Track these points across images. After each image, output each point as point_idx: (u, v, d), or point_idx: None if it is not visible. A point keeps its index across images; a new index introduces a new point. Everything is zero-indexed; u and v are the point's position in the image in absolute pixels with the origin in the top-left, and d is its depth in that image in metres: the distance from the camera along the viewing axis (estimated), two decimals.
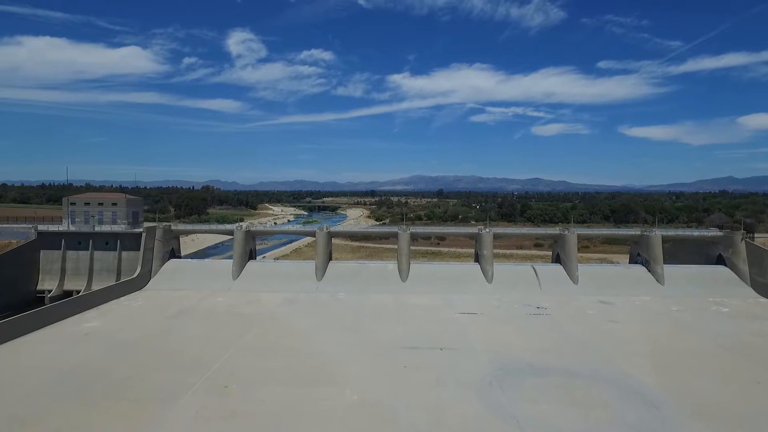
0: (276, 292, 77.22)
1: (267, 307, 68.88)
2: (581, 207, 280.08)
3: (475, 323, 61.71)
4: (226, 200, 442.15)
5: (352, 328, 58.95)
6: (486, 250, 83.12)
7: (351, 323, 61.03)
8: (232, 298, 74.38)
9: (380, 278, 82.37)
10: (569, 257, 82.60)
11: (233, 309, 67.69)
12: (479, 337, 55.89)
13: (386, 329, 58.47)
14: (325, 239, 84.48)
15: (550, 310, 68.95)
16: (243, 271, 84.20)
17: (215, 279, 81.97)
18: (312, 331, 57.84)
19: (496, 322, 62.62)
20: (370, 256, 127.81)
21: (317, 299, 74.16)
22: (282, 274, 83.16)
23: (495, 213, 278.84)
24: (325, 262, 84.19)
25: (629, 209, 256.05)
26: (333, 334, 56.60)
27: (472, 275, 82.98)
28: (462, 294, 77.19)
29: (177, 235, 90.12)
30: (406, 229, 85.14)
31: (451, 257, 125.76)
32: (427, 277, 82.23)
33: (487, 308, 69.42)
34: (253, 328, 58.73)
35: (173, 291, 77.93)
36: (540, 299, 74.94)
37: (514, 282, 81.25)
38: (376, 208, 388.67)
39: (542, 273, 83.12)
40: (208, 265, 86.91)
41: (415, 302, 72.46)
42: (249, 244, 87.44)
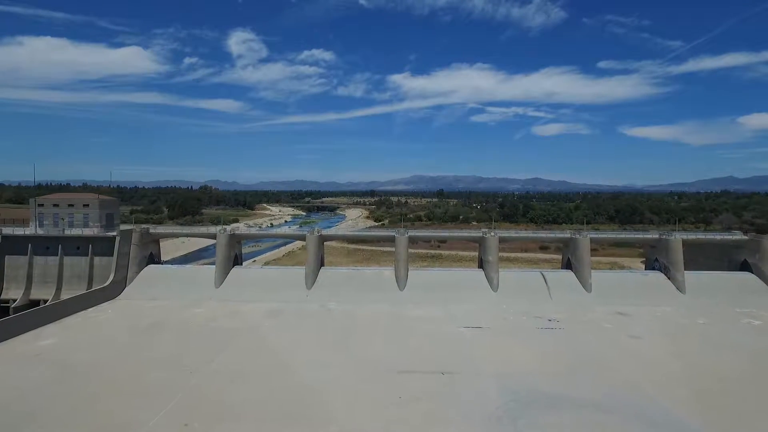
0: (261, 302, 70.48)
1: (249, 320, 62.11)
2: (585, 207, 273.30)
3: (480, 339, 54.93)
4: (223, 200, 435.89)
5: (341, 346, 52.17)
6: (491, 255, 76.32)
7: (341, 339, 54.24)
8: (211, 308, 67.60)
9: (375, 286, 75.61)
10: (581, 263, 75.81)
11: (211, 322, 60.91)
12: (486, 357, 49.10)
13: (380, 347, 51.68)
14: (316, 243, 77.73)
15: (563, 322, 62.18)
16: (226, 278, 77.42)
17: (196, 287, 75.22)
18: (296, 349, 51.06)
19: (504, 337, 55.83)
20: (367, 260, 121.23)
21: (305, 310, 67.41)
22: (269, 282, 76.39)
23: (497, 213, 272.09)
24: (315, 268, 77.44)
25: (634, 210, 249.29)
26: (319, 353, 49.83)
27: (476, 283, 76.19)
28: (465, 304, 70.42)
29: (156, 239, 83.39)
30: (404, 233, 78.39)
31: (452, 261, 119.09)
32: (427, 285, 75.47)
33: (493, 321, 62.64)
34: (230, 345, 51.95)
35: (149, 301, 71.18)
36: (550, 310, 68.16)
37: (521, 290, 74.48)
38: (375, 208, 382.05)
39: (552, 280, 76.34)
40: (190, 272, 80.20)
41: (413, 314, 65.67)
42: (234, 249, 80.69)
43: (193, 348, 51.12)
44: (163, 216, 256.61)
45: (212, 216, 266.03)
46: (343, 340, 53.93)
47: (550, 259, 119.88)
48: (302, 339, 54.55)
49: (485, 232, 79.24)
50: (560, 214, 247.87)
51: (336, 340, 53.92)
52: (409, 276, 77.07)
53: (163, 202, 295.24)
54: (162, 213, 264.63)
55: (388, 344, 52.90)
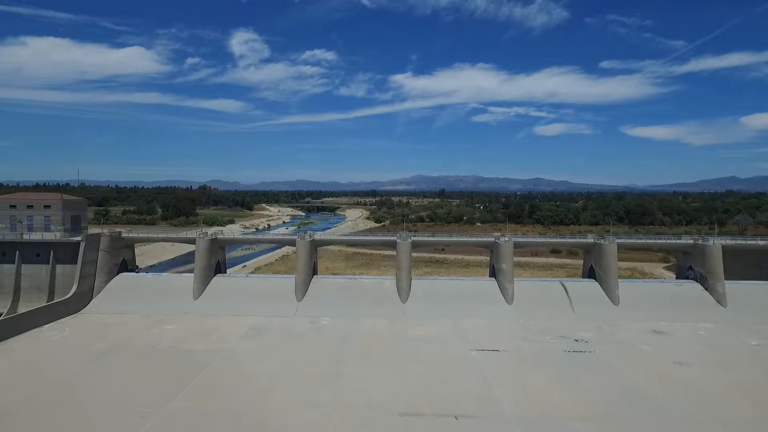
0: (243, 316, 61.78)
1: (226, 340, 53.36)
2: (593, 208, 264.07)
3: (498, 368, 46.06)
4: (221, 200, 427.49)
5: (332, 377, 43.36)
6: (505, 263, 67.45)
7: (332, 368, 45.41)
8: (185, 325, 58.85)
9: (375, 298, 66.82)
10: (607, 272, 66.88)
11: (182, 343, 52.16)
12: (507, 393, 40.23)
13: (378, 380, 42.85)
14: (307, 250, 68.96)
15: (592, 343, 53.33)
16: (206, 288, 68.69)
17: (172, 299, 66.53)
18: (277, 382, 42.26)
19: (527, 365, 46.96)
20: (366, 266, 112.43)
21: (293, 327, 58.63)
22: (254, 293, 67.64)
23: (501, 214, 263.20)
24: (307, 277, 68.66)
25: (645, 210, 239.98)
26: (305, 388, 41.02)
27: (488, 294, 67.35)
28: (477, 319, 61.63)
29: (130, 244, 74.72)
30: (407, 237, 69.57)
31: (458, 267, 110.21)
32: (432, 297, 66.66)
33: (510, 341, 53.80)
34: (198, 376, 43.18)
35: (116, 315, 62.53)
36: (575, 327, 59.32)
37: (539, 303, 65.64)
38: (376, 208, 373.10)
39: (574, 291, 67.45)
40: (166, 282, 71.43)
41: (418, 333, 56.85)
42: (216, 256, 71.96)
43: (153, 380, 42.36)
44: (156, 217, 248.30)
45: (207, 217, 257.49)
46: (335, 370, 45.11)
47: (565, 264, 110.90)
48: (286, 367, 45.75)
49: (497, 237, 70.39)
50: (567, 215, 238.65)
51: (326, 371, 45.09)
52: (413, 286, 68.28)
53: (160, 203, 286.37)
54: (156, 213, 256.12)
55: (388, 374, 44.09)
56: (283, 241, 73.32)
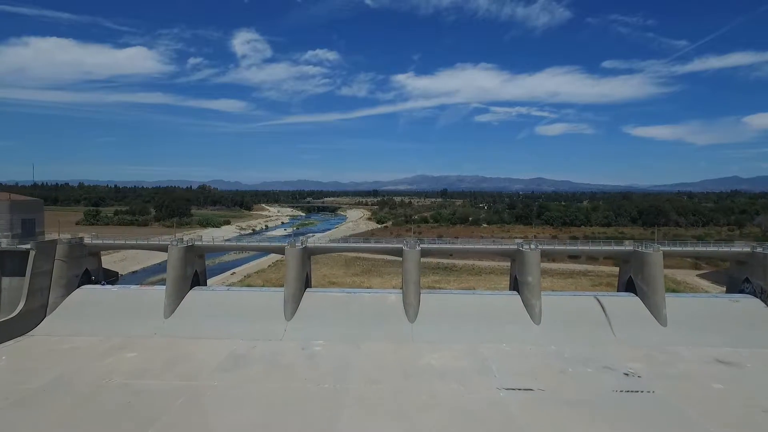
0: (221, 340, 51.72)
1: (194, 375, 43.21)
2: (604, 208, 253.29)
3: (537, 418, 35.82)
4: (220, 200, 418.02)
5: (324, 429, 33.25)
6: (531, 275, 57.24)
7: (323, 423, 35.21)
8: (149, 352, 48.74)
9: (377, 316, 56.68)
10: (652, 285, 56.60)
11: (138, 379, 42.02)
12: None
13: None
14: (299, 259, 58.80)
15: (647, 379, 43.08)
16: (180, 304, 58.61)
17: (139, 317, 56.53)
18: None
19: (572, 413, 36.71)
20: (368, 272, 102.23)
21: (280, 355, 48.48)
22: (236, 310, 57.53)
23: (508, 215, 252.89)
24: (298, 291, 58.52)
25: (659, 211, 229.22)
26: None
27: (511, 312, 57.16)
28: (499, 343, 51.47)
29: (95, 251, 64.64)
30: (415, 245, 59.36)
31: (469, 274, 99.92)
32: (446, 315, 56.49)
33: (545, 375, 43.58)
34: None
35: (70, 338, 52.52)
36: (619, 354, 49.10)
37: (572, 322, 55.45)
38: (378, 208, 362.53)
39: (612, 308, 57.22)
40: (136, 296, 61.25)
41: (430, 362, 46.64)
42: (193, 265, 61.85)
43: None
44: (149, 217, 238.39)
45: (202, 217, 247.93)
46: (325, 422, 34.90)
47: (587, 271, 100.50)
48: (265, 418, 35.56)
49: (521, 245, 60.15)
50: (578, 216, 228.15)
51: (314, 421, 34.89)
52: (422, 301, 58.11)
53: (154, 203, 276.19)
54: (149, 214, 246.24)
55: (393, 423, 33.90)
56: (271, 249, 63.36)
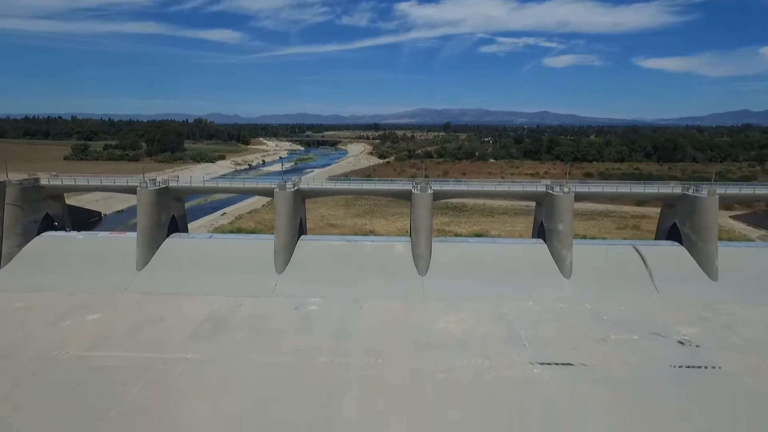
0: (202, 297, 44.46)
1: (165, 344, 36.07)
2: (617, 143, 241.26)
3: (579, 401, 28.79)
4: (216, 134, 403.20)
5: (316, 424, 26.28)
6: (562, 222, 48.95)
7: (318, 410, 28.18)
8: (116, 312, 41.50)
9: (383, 269, 49.12)
10: (703, 234, 48.49)
11: (96, 350, 34.89)
12: None
13: None
14: (290, 203, 50.29)
15: (707, 349, 35.93)
16: (155, 255, 50.92)
17: (108, 268, 49.08)
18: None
19: (623, 395, 29.67)
20: (370, 213, 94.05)
21: (269, 317, 41.26)
22: (220, 261, 49.93)
23: (516, 150, 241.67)
24: (290, 240, 50.57)
25: (676, 145, 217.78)
26: None
27: (537, 263, 49.50)
28: (525, 302, 44.16)
29: (57, 194, 56.06)
30: (427, 187, 50.58)
31: (480, 214, 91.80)
32: (461, 267, 48.90)
33: (584, 344, 36.43)
34: (94, 428, 26.10)
35: (26, 294, 45.17)
36: (666, 315, 41.82)
37: (608, 276, 47.96)
38: (379, 143, 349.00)
39: (653, 259, 49.49)
40: (106, 244, 53.38)
41: (446, 327, 39.41)
42: (169, 210, 53.53)
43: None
44: (140, 152, 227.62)
45: (196, 152, 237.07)
46: (323, 414, 27.88)
47: (608, 211, 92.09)
48: (244, 405, 28.53)
49: (551, 187, 51.39)
50: (590, 151, 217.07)
51: (309, 414, 27.87)
52: (434, 251, 50.33)
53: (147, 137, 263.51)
54: (140, 149, 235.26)
55: (406, 417, 26.92)
56: (258, 192, 54.75)
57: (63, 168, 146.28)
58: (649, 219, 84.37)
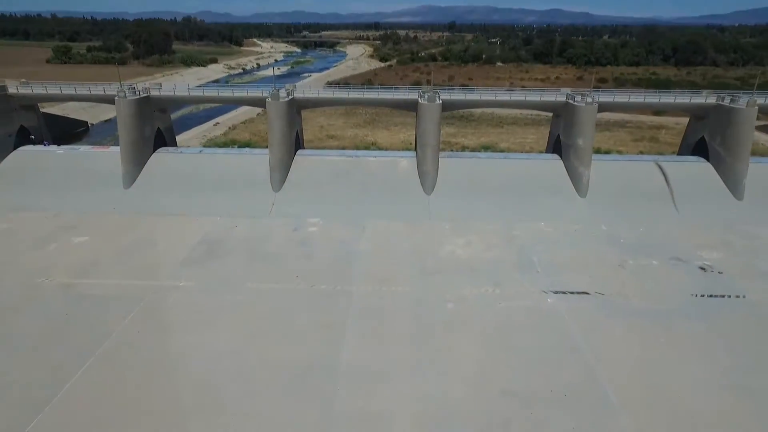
0: (195, 218, 41.95)
1: (157, 270, 34.04)
2: (633, 45, 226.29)
3: (598, 335, 27.19)
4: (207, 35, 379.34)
5: (317, 373, 24.83)
6: (583, 137, 44.90)
7: (319, 345, 26.59)
8: (103, 235, 39.15)
9: (386, 186, 46.06)
10: (735, 150, 44.72)
11: (83, 277, 32.93)
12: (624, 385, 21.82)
13: (397, 378, 24.24)
14: (284, 115, 45.84)
15: (731, 276, 33.95)
16: (142, 171, 47.58)
17: (94, 186, 46.07)
18: (226, 371, 23.78)
19: (643, 327, 28.03)
20: (372, 123, 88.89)
21: (266, 239, 38.97)
22: (212, 178, 46.72)
23: (525, 52, 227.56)
24: (286, 155, 46.92)
25: (697, 47, 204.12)
26: (266, 403, 22.61)
27: (552, 181, 46.31)
28: (538, 223, 41.66)
29: (31, 104, 51.33)
30: (435, 97, 45.77)
31: (488, 124, 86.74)
32: (470, 186, 45.78)
33: (600, 270, 34.41)
34: (83, 367, 24.64)
35: (4, 215, 42.58)
36: (686, 237, 39.49)
37: (625, 194, 45.01)
38: (380, 44, 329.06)
39: (676, 176, 46.21)
40: (88, 159, 49.67)
41: (455, 251, 37.20)
42: (153, 122, 49.23)
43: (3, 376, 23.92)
44: (127, 55, 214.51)
45: (186, 55, 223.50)
46: (324, 350, 26.29)
47: (624, 121, 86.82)
48: (240, 339, 26.92)
49: (572, 97, 46.56)
50: (604, 54, 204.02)
51: (308, 349, 26.29)
52: (441, 167, 46.92)
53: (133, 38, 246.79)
54: (126, 51, 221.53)
55: (412, 362, 25.42)
56: (248, 102, 49.96)
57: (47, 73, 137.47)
58: (667, 130, 79.72)
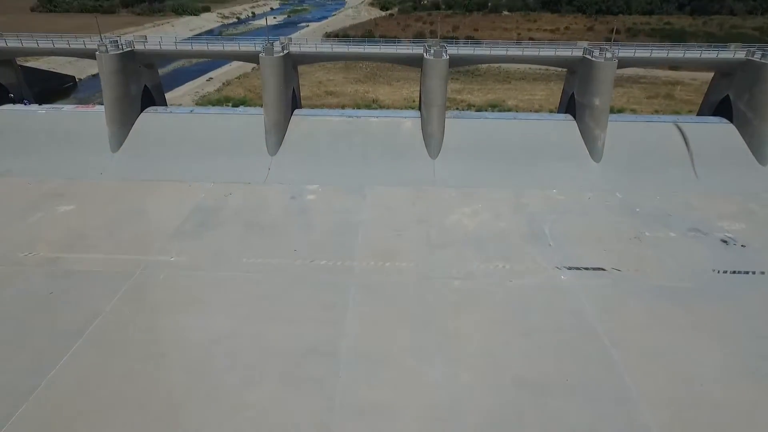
0: (187, 185, 39.76)
1: (148, 244, 32.13)
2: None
3: (615, 317, 25.60)
4: None
5: (317, 361, 23.36)
6: (600, 96, 41.83)
7: (317, 329, 25.00)
8: (90, 206, 37.04)
9: (389, 150, 43.48)
10: (763, 110, 41.76)
11: (68, 251, 31.09)
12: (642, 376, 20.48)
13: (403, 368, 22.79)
14: (279, 72, 42.54)
15: (754, 250, 32.07)
16: (130, 133, 44.81)
17: (80, 150, 43.58)
18: (210, 376, 22.38)
19: (663, 308, 26.43)
20: (372, 78, 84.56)
21: (262, 208, 36.87)
22: (204, 140, 44.04)
23: (533, 0, 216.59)
24: (282, 116, 44.02)
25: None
26: (264, 390, 21.21)
27: (565, 144, 43.65)
28: (549, 190, 39.45)
29: (7, 59, 47.78)
30: (441, 52, 42.27)
31: (495, 80, 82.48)
32: (477, 149, 43.19)
33: (614, 243, 32.52)
34: (65, 356, 23.17)
35: None
36: (707, 206, 37.39)
37: (641, 158, 42.54)
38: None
39: (697, 139, 43.52)
40: (75, 119, 46.57)
41: (461, 221, 35.17)
42: (139, 79, 45.94)
43: None
44: (116, 3, 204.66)
45: (177, 3, 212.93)
46: (324, 332, 24.72)
47: (638, 76, 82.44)
48: (235, 320, 25.33)
49: (589, 52, 43.07)
50: (616, 1, 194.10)
51: (307, 335, 24.72)
52: (447, 128, 44.14)
53: None
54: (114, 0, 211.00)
55: (417, 346, 23.93)
56: (240, 57, 46.31)
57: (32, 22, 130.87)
58: (684, 86, 75.88)
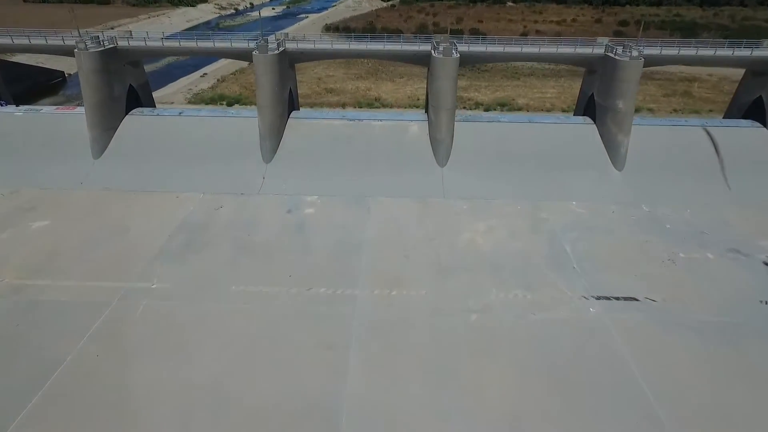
0: (173, 196, 36.45)
1: (127, 267, 28.91)
2: None
3: (652, 357, 22.41)
4: None
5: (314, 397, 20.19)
6: (623, 98, 38.34)
7: (316, 356, 21.80)
8: (65, 222, 33.77)
9: (394, 156, 40.09)
10: None
11: (41, 276, 27.88)
12: None
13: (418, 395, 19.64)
14: (275, 71, 39.03)
15: None
16: (114, 138, 41.39)
17: (59, 156, 40.21)
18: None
19: (705, 344, 23.26)
20: (375, 74, 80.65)
21: (254, 225, 33.57)
22: (195, 145, 40.70)
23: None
24: (278, 119, 40.56)
25: None
26: None
27: (584, 151, 40.24)
28: (568, 202, 36.16)
29: None
30: (450, 49, 38.68)
31: (504, 76, 78.54)
32: (490, 156, 39.84)
33: (647, 266, 29.29)
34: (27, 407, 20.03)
35: None
36: (742, 221, 34.17)
37: (666, 166, 39.15)
38: None
39: (727, 144, 40.16)
40: (54, 123, 43.08)
41: (475, 239, 31.90)
42: (124, 79, 42.41)
43: None
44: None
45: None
46: (325, 373, 21.55)
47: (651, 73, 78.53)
48: (225, 359, 22.15)
49: (612, 48, 39.48)
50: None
51: (307, 374, 21.54)
52: (456, 132, 40.71)
53: None
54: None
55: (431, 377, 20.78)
56: (232, 54, 42.63)
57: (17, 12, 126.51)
58: (701, 82, 72.27)
